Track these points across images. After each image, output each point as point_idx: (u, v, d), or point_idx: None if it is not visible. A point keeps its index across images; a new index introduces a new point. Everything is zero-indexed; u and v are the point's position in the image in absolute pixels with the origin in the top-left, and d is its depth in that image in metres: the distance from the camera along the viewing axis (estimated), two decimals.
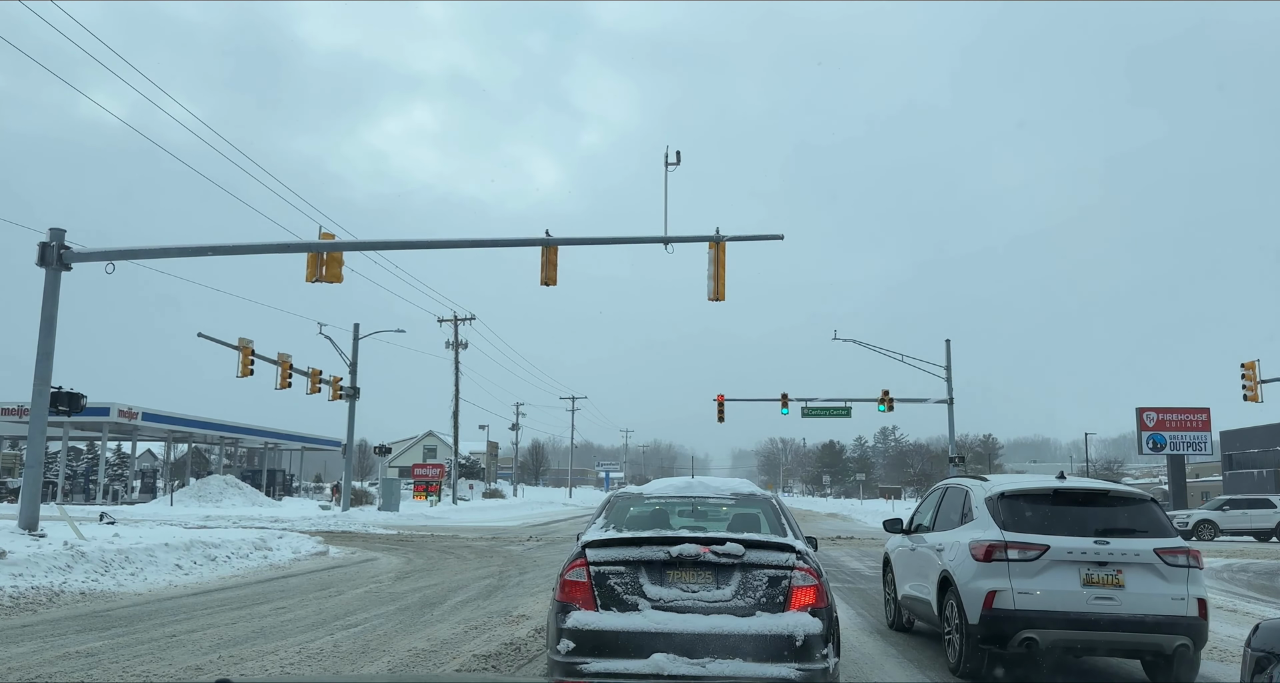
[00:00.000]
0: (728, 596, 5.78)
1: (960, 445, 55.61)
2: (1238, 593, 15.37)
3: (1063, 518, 7.81)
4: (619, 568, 5.87)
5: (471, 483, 72.87)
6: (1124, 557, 7.47)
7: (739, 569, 5.81)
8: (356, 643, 8.82)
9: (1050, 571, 7.47)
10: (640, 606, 5.76)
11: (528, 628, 9.85)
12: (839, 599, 12.68)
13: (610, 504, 7.17)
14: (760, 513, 6.93)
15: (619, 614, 5.73)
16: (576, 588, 5.85)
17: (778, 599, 5.75)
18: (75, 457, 71.75)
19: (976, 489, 8.62)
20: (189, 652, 8.22)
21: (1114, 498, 8.15)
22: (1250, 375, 33.51)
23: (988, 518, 8.04)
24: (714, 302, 19.73)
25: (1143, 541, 7.65)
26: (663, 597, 5.78)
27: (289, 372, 33.20)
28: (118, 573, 13.68)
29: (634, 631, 5.61)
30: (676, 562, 5.81)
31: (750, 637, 5.55)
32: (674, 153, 20.16)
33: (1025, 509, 7.95)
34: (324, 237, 19.97)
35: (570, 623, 5.69)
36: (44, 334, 18.39)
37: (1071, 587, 7.41)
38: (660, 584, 5.83)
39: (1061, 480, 8.27)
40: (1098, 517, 7.85)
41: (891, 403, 47.94)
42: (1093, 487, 8.30)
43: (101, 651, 8.19)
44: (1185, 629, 7.31)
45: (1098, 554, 7.46)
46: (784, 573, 5.82)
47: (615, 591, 5.82)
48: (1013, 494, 8.09)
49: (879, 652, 8.96)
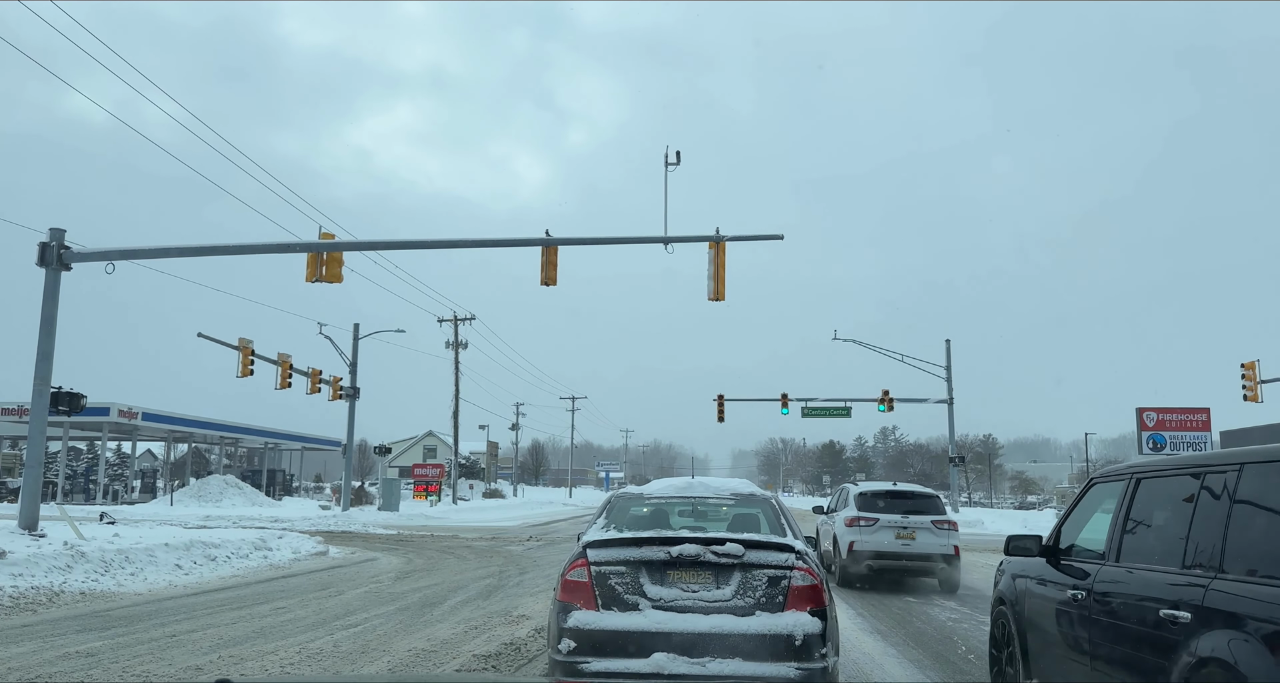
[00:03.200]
0: (728, 595, 5.78)
1: (960, 445, 55.67)
2: None
3: (889, 504, 15.09)
4: (620, 568, 5.88)
5: (471, 483, 72.87)
6: (916, 523, 14.76)
7: (739, 569, 5.80)
8: (356, 643, 8.82)
9: (880, 531, 14.72)
10: (641, 605, 5.77)
11: (528, 628, 9.85)
12: (838, 598, 12.71)
13: (611, 505, 7.19)
14: (760, 513, 6.95)
15: (620, 614, 5.73)
16: (578, 588, 5.85)
17: (777, 599, 5.74)
18: (75, 457, 71.72)
19: (851, 489, 16.30)
20: (189, 652, 8.22)
21: (916, 494, 15.74)
22: (1250, 376, 33.54)
23: (853, 504, 15.33)
24: (714, 302, 19.76)
25: (926, 516, 14.88)
26: (663, 597, 5.79)
27: (289, 372, 33.20)
28: (118, 573, 13.68)
29: (635, 630, 5.61)
30: (677, 562, 5.81)
31: (750, 636, 5.54)
32: (674, 153, 20.16)
33: (872, 500, 15.28)
34: (324, 237, 19.97)
35: (571, 623, 5.69)
36: (44, 334, 18.39)
37: (890, 539, 14.66)
38: (661, 584, 5.84)
39: (894, 485, 16.30)
40: (906, 504, 15.13)
41: (891, 403, 47.96)
42: (907, 488, 16.16)
43: (101, 651, 8.19)
44: (946, 559, 14.68)
45: (903, 523, 14.72)
46: (784, 573, 5.80)
47: (616, 590, 5.82)
48: (867, 492, 15.60)
49: (879, 651, 8.96)
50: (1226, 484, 3.94)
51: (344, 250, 19.95)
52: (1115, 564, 4.78)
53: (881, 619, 11.15)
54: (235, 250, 20.29)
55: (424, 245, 21.91)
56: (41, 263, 18.59)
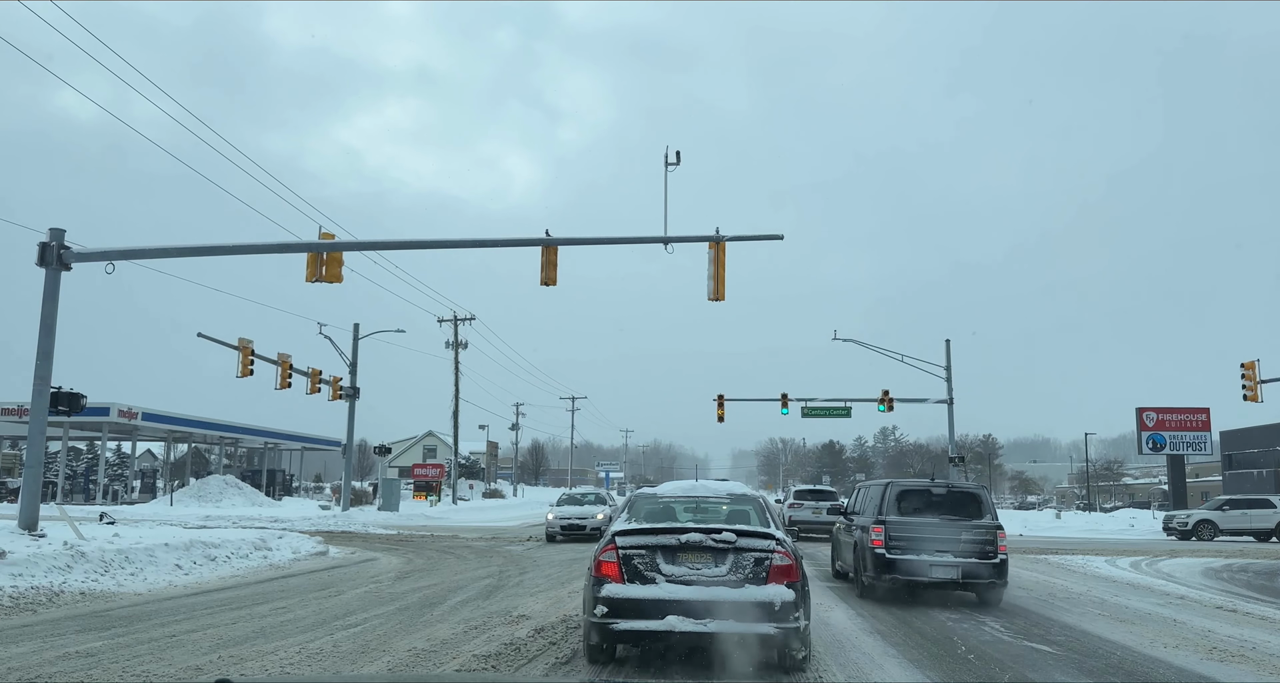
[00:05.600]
0: (723, 572, 7.35)
1: (960, 445, 55.60)
2: (1238, 593, 15.37)
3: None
4: (640, 551, 7.45)
5: (471, 483, 72.86)
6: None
7: (732, 552, 7.38)
8: (356, 643, 8.81)
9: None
10: (657, 579, 7.34)
11: (527, 628, 9.84)
12: (838, 600, 12.71)
13: (632, 502, 8.95)
14: (750, 509, 8.63)
15: (641, 586, 7.31)
16: (609, 566, 7.43)
17: (761, 575, 7.31)
18: (75, 457, 71.68)
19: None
20: (189, 652, 8.21)
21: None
22: (1250, 375, 33.50)
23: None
24: (714, 301, 19.75)
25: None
26: (674, 573, 7.36)
27: (289, 372, 33.18)
28: (117, 573, 13.68)
29: (652, 598, 7.18)
30: (684, 546, 7.40)
31: (740, 603, 7.11)
32: (674, 153, 20.15)
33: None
34: (324, 236, 19.95)
35: (604, 593, 7.29)
36: (44, 334, 18.37)
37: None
38: (672, 563, 7.40)
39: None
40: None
41: (892, 403, 47.92)
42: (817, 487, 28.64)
43: (101, 651, 8.19)
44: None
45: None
46: (766, 555, 7.39)
47: (638, 568, 7.39)
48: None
49: (879, 651, 8.95)
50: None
51: (344, 250, 19.93)
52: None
53: (882, 619, 11.14)
54: (235, 250, 20.28)
55: (424, 245, 21.91)
56: (41, 263, 18.57)
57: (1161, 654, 8.88)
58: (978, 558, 12.23)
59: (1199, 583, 17.01)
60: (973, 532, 12.42)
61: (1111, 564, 20.69)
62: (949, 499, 13.02)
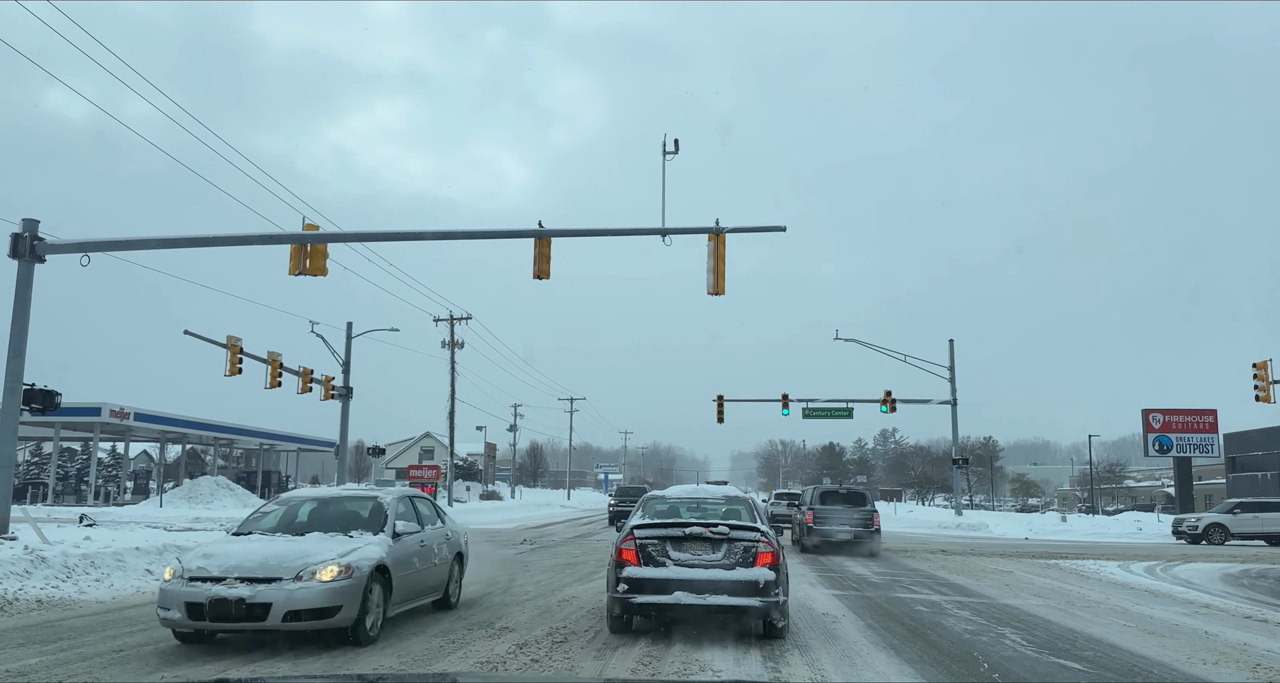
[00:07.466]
0: (719, 557, 9.22)
1: (961, 447, 54.85)
2: (1264, 601, 14.58)
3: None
4: (653, 540, 9.34)
5: (469, 485, 72.12)
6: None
7: (726, 542, 9.26)
8: (321, 662, 8.04)
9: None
10: (666, 563, 9.23)
11: (508, 644, 9.02)
12: (846, 608, 11.93)
13: (644, 502, 10.74)
14: (741, 508, 10.39)
15: (654, 568, 9.19)
16: (629, 553, 9.32)
17: (749, 560, 9.16)
18: (69, 458, 70.95)
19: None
20: (132, 670, 7.44)
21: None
22: (1263, 375, 32.75)
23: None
24: (713, 297, 18.98)
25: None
26: (680, 558, 9.24)
27: (279, 370, 32.44)
28: (80, 579, 12.93)
29: (663, 578, 9.08)
30: (688, 537, 9.29)
31: (732, 581, 8.99)
32: (672, 142, 19.41)
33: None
34: (308, 228, 19.19)
35: (625, 574, 9.16)
36: (15, 330, 17.65)
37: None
38: (678, 550, 9.28)
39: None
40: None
41: (894, 404, 47.19)
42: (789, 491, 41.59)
43: (34, 669, 7.38)
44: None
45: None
46: (753, 544, 9.26)
47: (651, 554, 9.29)
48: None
49: (876, 650, 8.23)
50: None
51: (328, 242, 19.18)
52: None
53: (882, 619, 10.38)
54: (216, 241, 19.50)
55: (411, 237, 21.15)
56: (14, 255, 17.86)
57: (1203, 673, 8.10)
58: (862, 527, 22.71)
59: (1220, 590, 16.24)
60: (860, 513, 22.97)
61: (1125, 570, 19.93)
62: (848, 496, 24.10)
